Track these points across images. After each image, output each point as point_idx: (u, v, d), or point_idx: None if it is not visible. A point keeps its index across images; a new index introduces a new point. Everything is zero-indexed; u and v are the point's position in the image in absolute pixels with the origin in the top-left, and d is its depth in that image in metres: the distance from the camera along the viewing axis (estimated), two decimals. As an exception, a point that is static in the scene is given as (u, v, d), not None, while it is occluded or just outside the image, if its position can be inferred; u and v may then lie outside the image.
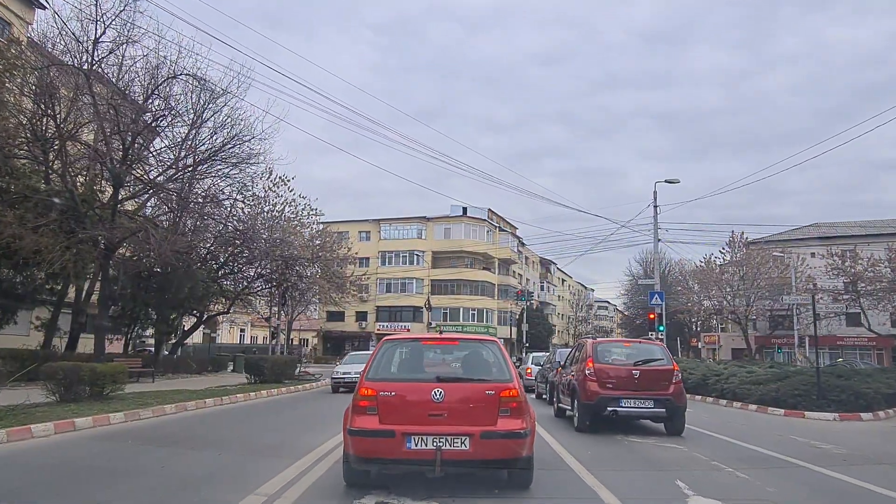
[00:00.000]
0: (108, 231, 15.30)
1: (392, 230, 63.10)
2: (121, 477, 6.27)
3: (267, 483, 5.75)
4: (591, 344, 10.99)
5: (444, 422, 5.11)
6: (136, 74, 15.96)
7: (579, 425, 10.33)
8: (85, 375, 11.83)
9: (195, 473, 6.51)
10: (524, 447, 5.20)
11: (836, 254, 38.55)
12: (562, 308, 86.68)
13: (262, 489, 5.51)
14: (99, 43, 14.53)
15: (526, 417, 5.28)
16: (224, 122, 18.94)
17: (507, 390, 5.28)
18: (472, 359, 5.94)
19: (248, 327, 59.83)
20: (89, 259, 16.31)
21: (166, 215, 21.72)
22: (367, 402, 5.24)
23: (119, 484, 5.96)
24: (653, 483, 6.54)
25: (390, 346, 6.01)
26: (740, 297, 40.36)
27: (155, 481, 6.04)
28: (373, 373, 5.53)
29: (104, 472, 6.53)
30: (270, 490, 5.49)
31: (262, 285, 31.34)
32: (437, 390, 5.20)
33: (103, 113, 14.98)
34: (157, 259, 19.08)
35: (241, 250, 27.20)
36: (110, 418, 10.28)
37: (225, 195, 22.88)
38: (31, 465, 6.89)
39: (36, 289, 18.50)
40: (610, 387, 10.03)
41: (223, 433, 10.17)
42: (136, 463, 7.12)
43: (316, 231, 33.31)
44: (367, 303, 58.85)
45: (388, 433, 5.05)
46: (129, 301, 23.83)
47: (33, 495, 5.53)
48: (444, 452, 4.97)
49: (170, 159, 18.85)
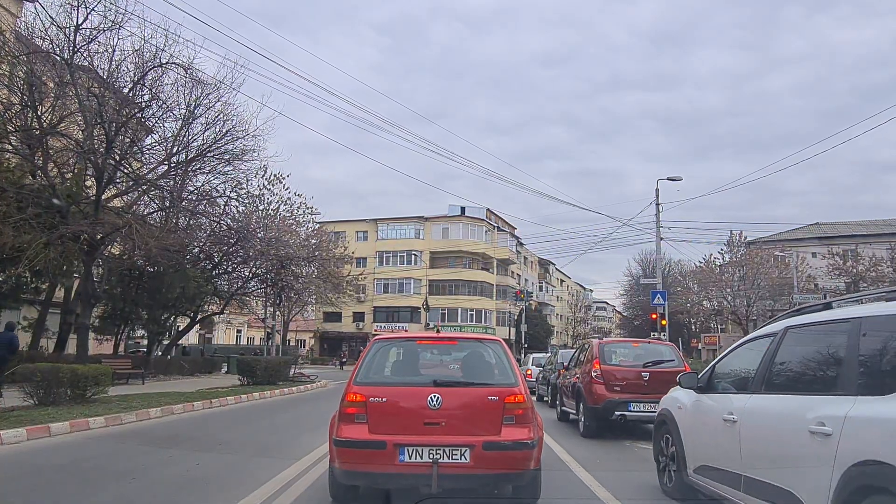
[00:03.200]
0: (90, 227, 14.75)
1: (389, 230, 62.65)
2: (89, 486, 5.76)
3: (247, 497, 5.23)
4: (598, 344, 10.46)
5: (441, 431, 4.55)
6: (122, 64, 15.47)
7: (585, 430, 9.82)
8: (65, 377, 11.30)
9: (176, 482, 5.98)
10: (531, 459, 4.64)
11: (837, 254, 38.23)
12: (560, 309, 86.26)
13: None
14: (81, 29, 14.04)
15: (533, 426, 4.72)
16: (217, 118, 18.49)
17: (513, 395, 4.73)
18: (472, 360, 5.37)
19: (245, 328, 59.32)
20: (73, 256, 15.74)
21: (157, 213, 21.21)
22: (356, 408, 4.68)
23: (88, 495, 5.42)
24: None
25: (382, 347, 5.44)
26: (740, 298, 39.93)
27: (130, 490, 5.51)
28: (362, 376, 4.96)
29: (75, 482, 6.03)
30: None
31: (258, 285, 30.84)
32: (433, 396, 4.64)
33: (84, 102, 14.46)
34: (145, 257, 18.54)
35: (235, 249, 26.70)
36: (89, 423, 9.72)
37: (218, 193, 22.44)
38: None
39: (20, 287, 17.93)
40: (618, 389, 9.52)
41: (208, 438, 9.62)
42: (111, 470, 6.61)
43: (312, 230, 32.85)
44: (365, 303, 58.40)
45: (379, 444, 4.50)
46: (119, 300, 23.28)
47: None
48: (441, 466, 4.41)
49: (161, 155, 18.36)
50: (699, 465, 5.11)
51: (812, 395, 3.82)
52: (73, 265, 17.41)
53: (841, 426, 3.30)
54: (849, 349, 3.62)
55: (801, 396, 3.90)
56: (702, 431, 5.17)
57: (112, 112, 15.26)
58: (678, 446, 5.54)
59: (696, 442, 5.29)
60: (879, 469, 2.92)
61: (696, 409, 5.34)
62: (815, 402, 3.65)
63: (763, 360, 4.52)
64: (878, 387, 3.25)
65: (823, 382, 3.86)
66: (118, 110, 15.38)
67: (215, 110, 18.37)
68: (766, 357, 4.49)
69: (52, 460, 7.13)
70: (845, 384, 3.53)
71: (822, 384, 3.85)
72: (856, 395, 3.37)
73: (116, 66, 15.67)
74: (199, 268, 26.02)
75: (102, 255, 18.49)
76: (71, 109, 15.41)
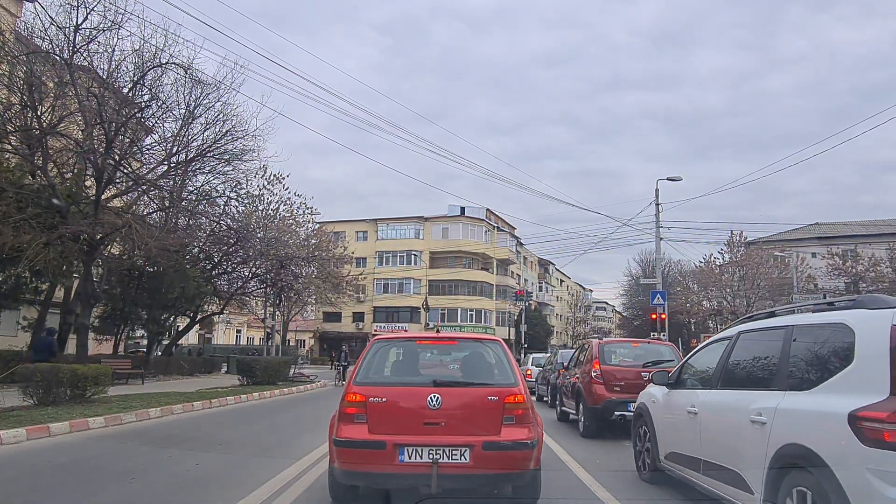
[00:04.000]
0: (90, 227, 14.75)
1: (389, 230, 62.63)
2: (89, 486, 5.75)
3: (247, 497, 5.23)
4: (597, 344, 10.46)
5: (441, 431, 4.55)
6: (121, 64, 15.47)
7: (585, 431, 9.81)
8: (65, 377, 11.28)
9: (175, 482, 5.98)
10: (531, 459, 4.64)
11: (836, 254, 38.23)
12: (560, 309, 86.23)
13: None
14: (81, 29, 14.04)
15: (533, 426, 4.73)
16: (217, 118, 18.48)
17: (513, 395, 4.73)
18: (472, 360, 5.38)
19: (245, 328, 59.31)
20: (73, 256, 15.74)
21: (157, 213, 21.20)
22: (355, 408, 4.68)
23: (88, 495, 5.42)
24: (669, 493, 6.02)
25: (382, 346, 5.44)
26: (740, 298, 39.92)
27: (130, 490, 5.51)
28: (362, 376, 4.96)
29: (75, 482, 6.03)
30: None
31: (257, 285, 30.81)
32: (433, 396, 4.64)
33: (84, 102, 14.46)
34: (144, 257, 18.54)
35: (235, 249, 26.69)
36: (89, 423, 9.71)
37: (218, 193, 22.43)
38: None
39: (20, 287, 17.92)
40: (618, 390, 9.51)
41: (208, 438, 9.61)
42: (111, 470, 6.61)
43: (312, 230, 32.83)
44: (364, 303, 58.37)
45: (379, 444, 4.50)
46: (119, 300, 23.26)
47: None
48: (441, 466, 4.41)
49: (161, 155, 18.35)
50: (669, 451, 5.78)
51: (755, 390, 4.47)
52: (72, 265, 17.40)
53: (773, 416, 3.98)
54: (783, 352, 4.30)
55: (747, 391, 4.57)
56: (671, 422, 5.83)
57: (112, 112, 15.26)
58: (652, 436, 6.19)
59: (666, 432, 5.94)
60: (798, 449, 3.61)
61: (666, 403, 6.00)
62: (756, 396, 4.33)
63: (720, 360, 5.19)
64: (803, 384, 3.95)
65: (764, 379, 4.49)
66: (118, 110, 15.38)
67: (215, 110, 18.37)
68: (723, 357, 5.16)
69: (52, 460, 7.12)
70: (779, 381, 4.20)
71: (763, 381, 4.48)
72: (785, 391, 4.05)
73: (116, 66, 15.67)
74: (198, 268, 26.00)
75: (102, 255, 18.48)
76: (70, 109, 15.40)
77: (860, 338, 3.61)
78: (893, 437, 3.11)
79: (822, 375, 3.80)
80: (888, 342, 3.38)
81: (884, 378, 3.32)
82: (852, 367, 3.59)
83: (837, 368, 3.70)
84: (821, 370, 3.86)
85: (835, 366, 3.74)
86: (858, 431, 3.25)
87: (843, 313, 3.95)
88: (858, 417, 3.29)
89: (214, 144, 18.90)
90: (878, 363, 3.40)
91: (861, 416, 3.28)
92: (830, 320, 4.01)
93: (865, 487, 3.14)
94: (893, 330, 3.40)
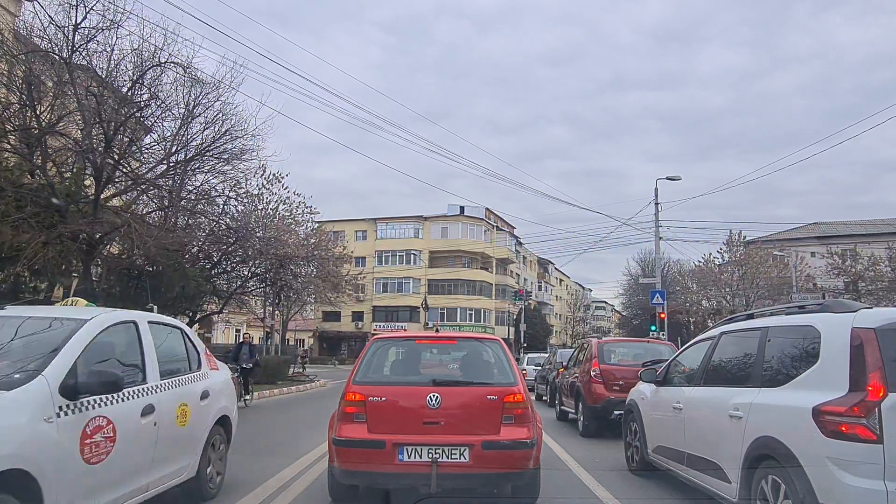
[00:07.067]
0: (89, 226, 14.72)
1: (389, 229, 62.61)
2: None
3: (247, 496, 5.22)
4: (597, 344, 10.47)
5: (440, 430, 4.56)
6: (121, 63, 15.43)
7: (584, 430, 9.83)
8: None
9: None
10: (530, 459, 4.65)
11: (836, 253, 38.26)
12: (559, 308, 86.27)
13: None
14: (80, 28, 14.01)
15: (532, 425, 4.74)
16: (216, 117, 18.43)
17: (512, 395, 4.74)
18: (471, 360, 5.39)
19: (244, 327, 59.28)
20: (72, 256, 15.72)
21: (156, 212, 21.17)
22: (355, 408, 4.68)
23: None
24: (669, 492, 6.02)
25: (381, 346, 5.44)
26: (739, 297, 39.94)
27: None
28: (361, 375, 4.96)
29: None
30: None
31: (257, 285, 30.79)
32: (432, 395, 4.65)
33: (83, 101, 14.43)
34: (143, 256, 18.52)
35: (234, 249, 26.65)
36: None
37: (217, 192, 22.39)
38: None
39: (18, 287, 17.89)
40: (617, 389, 9.51)
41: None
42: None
43: (311, 230, 32.80)
44: (364, 303, 58.36)
45: (378, 443, 4.50)
46: (118, 300, 23.24)
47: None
48: (440, 465, 4.42)
49: (160, 154, 18.32)
50: (656, 445, 6.12)
51: (733, 387, 4.78)
52: (71, 264, 17.35)
53: (748, 411, 4.30)
54: (758, 351, 4.62)
55: (727, 388, 4.86)
56: (658, 418, 6.16)
57: (111, 111, 15.21)
58: (640, 430, 6.51)
59: (653, 427, 6.27)
60: (770, 441, 3.95)
61: (654, 399, 6.34)
62: (735, 393, 4.63)
63: (703, 358, 5.51)
64: (775, 381, 4.26)
65: (742, 377, 4.81)
66: (117, 109, 15.33)
67: (214, 109, 18.26)
68: (706, 356, 5.48)
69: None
70: (755, 379, 4.52)
71: (741, 378, 4.79)
72: (760, 388, 4.37)
73: (115, 65, 15.60)
74: (198, 267, 25.95)
75: (101, 254, 18.45)
76: (69, 109, 15.35)
77: (825, 339, 3.92)
78: (850, 429, 3.42)
79: (792, 373, 4.11)
80: (848, 343, 3.68)
81: (844, 375, 3.62)
82: (818, 366, 3.90)
83: (805, 367, 4.01)
84: (791, 368, 4.17)
85: (803, 364, 4.06)
86: (820, 424, 3.57)
87: (812, 316, 4.26)
88: (821, 411, 3.60)
89: (214, 144, 18.83)
90: (839, 362, 3.69)
91: (823, 409, 3.59)
92: (800, 322, 4.32)
93: (826, 475, 3.44)
94: (853, 332, 3.68)
